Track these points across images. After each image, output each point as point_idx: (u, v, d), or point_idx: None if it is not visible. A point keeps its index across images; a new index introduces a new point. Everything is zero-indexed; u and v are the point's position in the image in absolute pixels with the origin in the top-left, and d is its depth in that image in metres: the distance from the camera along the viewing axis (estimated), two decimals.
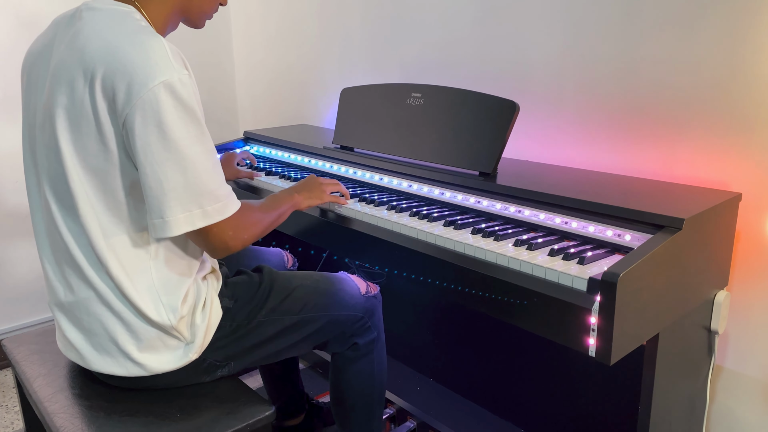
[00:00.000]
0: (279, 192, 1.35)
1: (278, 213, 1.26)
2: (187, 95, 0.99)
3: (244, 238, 1.12)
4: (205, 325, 1.14)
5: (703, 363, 1.34)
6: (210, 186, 1.02)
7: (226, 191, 1.06)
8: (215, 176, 1.04)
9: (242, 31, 2.76)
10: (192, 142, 1.00)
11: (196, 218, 1.02)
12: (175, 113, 0.97)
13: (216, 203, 1.04)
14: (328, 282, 1.35)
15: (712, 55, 1.32)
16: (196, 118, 1.01)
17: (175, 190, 0.99)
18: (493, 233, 1.24)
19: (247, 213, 1.13)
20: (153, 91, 0.95)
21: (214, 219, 1.04)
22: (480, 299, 1.16)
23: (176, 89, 0.97)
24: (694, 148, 1.38)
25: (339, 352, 1.40)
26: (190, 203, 1.01)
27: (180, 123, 0.98)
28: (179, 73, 0.98)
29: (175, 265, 1.11)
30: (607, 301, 0.96)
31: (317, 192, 1.40)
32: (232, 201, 1.08)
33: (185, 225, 1.01)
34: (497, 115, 1.43)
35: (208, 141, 1.04)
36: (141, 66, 0.96)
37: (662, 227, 1.09)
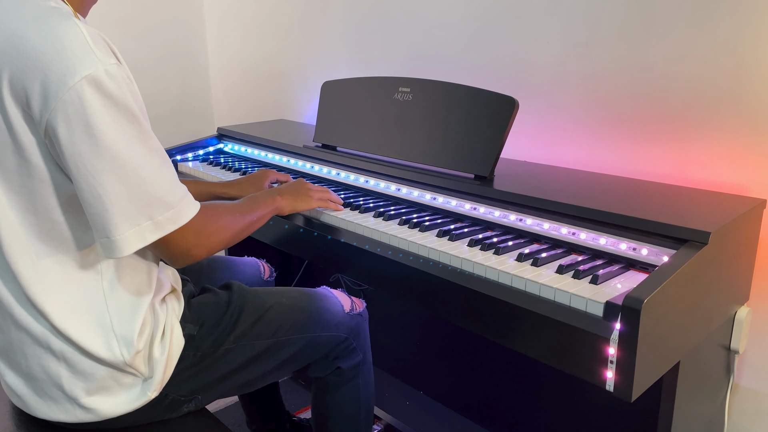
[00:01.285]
0: (260, 193, 1.20)
1: (255, 216, 1.11)
2: (118, 89, 0.83)
3: (209, 245, 0.97)
4: (165, 358, 0.99)
5: (721, 383, 1.22)
6: (158, 192, 0.87)
7: (178, 195, 0.91)
8: (163, 179, 0.89)
9: (216, 18, 2.59)
10: (130, 143, 0.84)
11: (147, 232, 0.87)
12: (105, 113, 0.81)
13: (167, 211, 0.89)
14: (306, 299, 1.21)
15: (728, 48, 1.20)
16: (132, 115, 0.85)
17: (119, 203, 0.85)
18: (492, 246, 1.11)
19: (212, 217, 0.99)
20: (75, 90, 0.79)
21: (168, 229, 0.89)
22: (478, 321, 1.03)
23: (103, 84, 0.81)
24: (708, 148, 1.26)
25: (321, 377, 1.26)
26: (138, 216, 0.86)
27: (113, 124, 0.82)
28: (105, 63, 0.81)
29: (130, 286, 0.96)
30: (629, 329, 0.83)
31: (303, 197, 1.26)
32: (187, 205, 0.92)
33: (136, 242, 0.87)
34: (494, 112, 1.30)
35: (150, 139, 0.88)
36: (55, 59, 0.80)
37: (685, 241, 0.97)
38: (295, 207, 1.24)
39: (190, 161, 1.92)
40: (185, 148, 1.93)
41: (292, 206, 1.23)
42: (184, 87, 2.64)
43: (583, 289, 0.94)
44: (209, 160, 1.91)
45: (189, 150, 1.94)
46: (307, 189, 1.28)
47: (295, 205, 1.23)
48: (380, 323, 1.80)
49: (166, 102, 2.58)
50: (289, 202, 1.22)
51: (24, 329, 0.92)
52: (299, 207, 1.25)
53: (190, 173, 1.82)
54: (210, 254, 0.97)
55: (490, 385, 1.67)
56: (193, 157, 1.94)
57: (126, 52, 2.39)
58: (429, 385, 1.85)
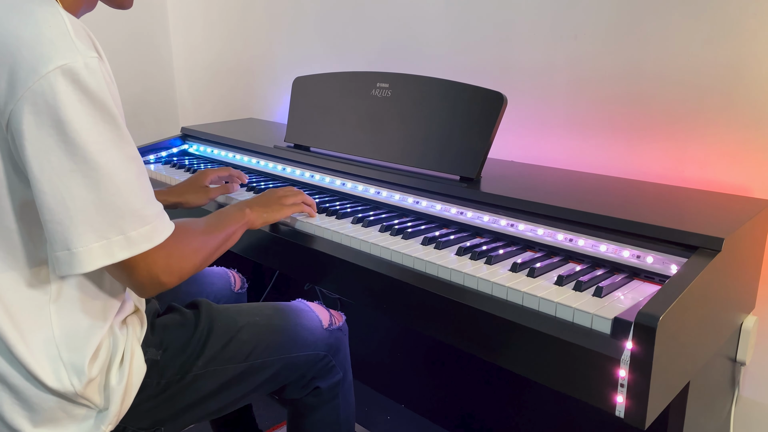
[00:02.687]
0: (227, 207, 1.09)
1: (226, 234, 1.00)
2: (97, 85, 0.74)
3: (181, 270, 0.86)
4: (123, 387, 0.88)
5: (726, 396, 1.15)
6: (133, 204, 0.77)
7: (154, 210, 0.81)
8: (140, 191, 0.79)
9: (180, 10, 2.46)
10: (106, 146, 0.75)
11: (116, 247, 0.76)
12: (80, 109, 0.72)
13: (142, 226, 0.78)
14: (281, 316, 1.10)
15: (727, 40, 1.13)
16: (111, 116, 0.75)
17: (86, 211, 0.74)
18: (483, 254, 1.02)
19: (185, 237, 0.88)
20: (48, 79, 0.70)
21: (141, 248, 0.78)
22: (470, 338, 0.94)
23: (80, 76, 0.72)
24: (707, 146, 1.19)
25: (298, 398, 1.16)
26: (107, 228, 0.76)
27: (88, 122, 0.73)
28: (85, 55, 0.73)
29: (85, 309, 0.85)
30: (642, 350, 0.75)
31: (274, 206, 1.15)
32: (163, 223, 0.82)
33: (101, 257, 0.76)
34: (481, 108, 1.20)
35: (128, 145, 0.78)
36: (29, 45, 0.71)
37: (694, 248, 0.89)
38: (267, 219, 1.13)
39: (152, 164, 1.79)
40: (146, 149, 1.80)
41: (264, 218, 1.12)
42: (146, 83, 2.49)
43: (586, 303, 0.85)
44: (173, 162, 1.78)
45: (151, 151, 1.81)
46: (278, 197, 1.18)
47: (266, 216, 1.13)
48: (360, 333, 1.70)
49: (126, 99, 2.41)
50: (260, 214, 1.11)
51: None
52: (271, 218, 1.14)
53: (152, 177, 1.69)
54: (181, 281, 0.86)
55: (474, 398, 1.58)
56: (155, 160, 1.81)
57: None
58: (411, 398, 1.76)
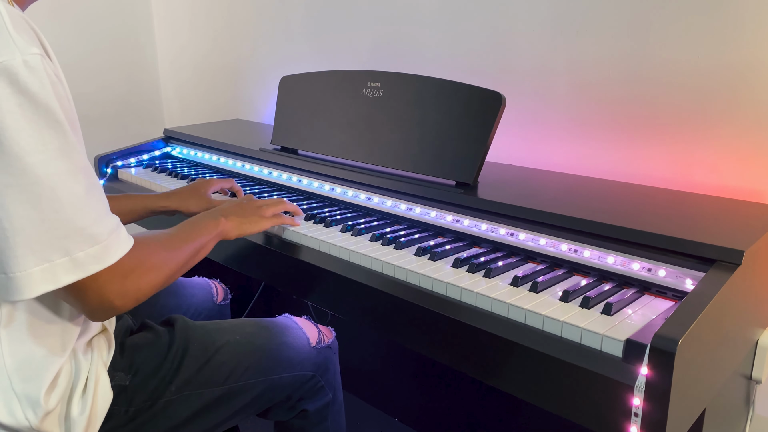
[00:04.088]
0: (200, 216, 1.00)
1: (194, 248, 0.92)
2: (39, 86, 0.65)
3: (137, 292, 0.77)
4: (86, 417, 0.80)
5: (740, 416, 1.09)
6: (81, 221, 0.69)
7: (107, 227, 0.72)
8: (89, 206, 0.70)
9: (164, 8, 2.37)
10: (49, 156, 0.66)
11: (61, 271, 0.68)
12: (18, 113, 0.64)
13: (91, 246, 0.70)
14: (265, 334, 1.02)
15: (736, 39, 1.06)
16: (55, 121, 0.67)
17: (24, 231, 0.66)
18: (482, 266, 0.95)
19: (145, 254, 0.79)
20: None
21: (89, 270, 0.70)
22: (468, 359, 0.87)
23: (19, 77, 0.64)
24: (717, 149, 1.13)
25: (284, 420, 1.08)
26: (50, 249, 0.67)
27: (28, 128, 0.65)
28: (24, 52, 0.65)
29: (40, 334, 0.77)
30: (659, 376, 0.68)
31: (253, 217, 1.07)
32: (117, 240, 0.73)
33: (43, 283, 0.68)
34: (478, 109, 1.13)
35: (76, 154, 0.70)
36: None
37: (712, 261, 0.82)
38: (243, 230, 1.04)
39: (132, 167, 1.70)
40: (127, 152, 1.72)
41: (240, 229, 1.04)
42: (130, 83, 2.41)
43: (595, 322, 0.78)
44: (154, 165, 1.70)
45: (132, 154, 1.73)
46: (257, 207, 1.09)
47: (243, 228, 1.04)
48: (351, 344, 1.62)
49: (110, 100, 2.35)
50: (236, 224, 1.03)
51: None
52: (248, 230, 1.05)
53: (132, 182, 1.61)
54: (138, 303, 0.78)
55: (469, 411, 1.51)
56: (136, 163, 1.73)
57: (62, 42, 2.15)
58: (404, 411, 1.69)
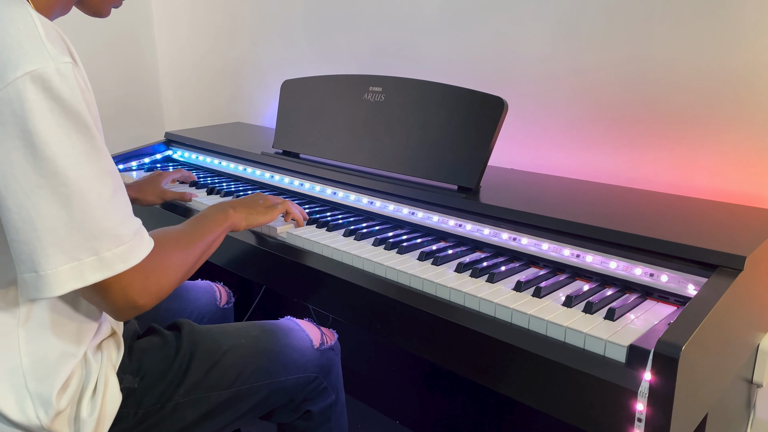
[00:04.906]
0: (208, 209, 1.01)
1: (207, 242, 0.92)
2: (70, 93, 0.67)
3: (159, 290, 0.79)
4: (95, 419, 0.81)
5: (741, 419, 1.09)
6: (108, 222, 0.71)
7: (132, 228, 0.74)
8: (116, 208, 0.72)
9: (165, 11, 2.37)
10: (79, 160, 0.68)
11: (88, 269, 0.70)
12: (51, 119, 0.66)
13: (117, 246, 0.71)
14: (269, 337, 1.03)
15: (740, 41, 1.06)
16: (85, 126, 0.69)
17: (55, 230, 0.68)
18: (484, 271, 0.96)
19: (164, 254, 0.80)
20: (15, 86, 0.64)
21: (115, 269, 0.72)
22: (471, 364, 0.87)
23: (52, 84, 0.66)
24: (718, 153, 1.13)
25: (287, 422, 1.09)
26: (79, 249, 0.69)
27: (60, 133, 0.67)
28: (57, 60, 0.67)
29: (57, 334, 0.79)
30: (663, 382, 0.68)
31: (259, 208, 1.08)
32: (141, 241, 0.75)
33: (72, 281, 0.69)
34: (480, 114, 1.14)
35: (104, 159, 0.72)
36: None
37: (714, 267, 0.83)
38: (251, 221, 1.06)
39: (134, 170, 1.71)
40: (128, 155, 1.72)
41: (248, 221, 1.05)
42: (130, 86, 2.41)
43: (598, 327, 0.79)
44: (156, 169, 1.70)
45: (133, 158, 1.73)
46: (264, 199, 1.12)
47: (250, 219, 1.06)
48: (353, 347, 1.63)
49: (109, 103, 2.34)
50: (244, 215, 1.04)
51: None
52: (256, 221, 1.07)
53: None
54: (159, 301, 0.79)
55: (470, 414, 1.52)
56: (137, 166, 1.73)
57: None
58: (406, 414, 1.69)
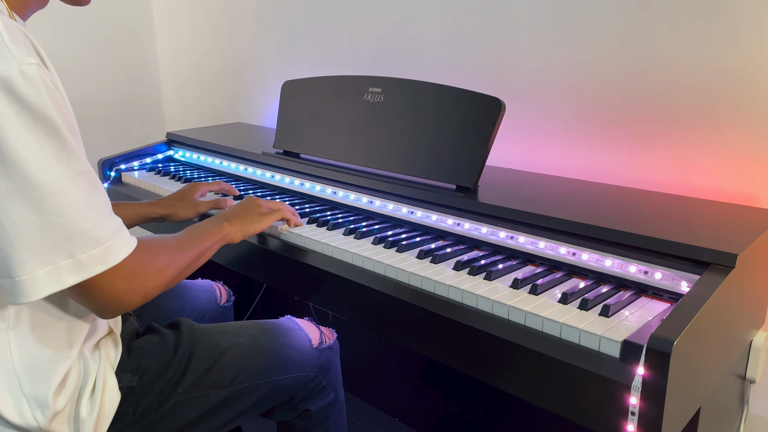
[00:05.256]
0: (205, 222, 1.03)
1: (199, 251, 0.94)
2: (36, 95, 0.67)
3: (144, 291, 0.79)
4: (94, 418, 0.82)
5: (734, 414, 1.11)
6: (83, 224, 0.70)
7: (109, 229, 0.74)
8: (91, 209, 0.72)
9: (165, 11, 2.39)
10: (48, 163, 0.68)
11: (65, 273, 0.70)
12: (16, 123, 0.66)
13: (94, 248, 0.71)
14: (268, 336, 1.04)
15: (734, 43, 1.08)
16: (53, 128, 0.68)
17: (28, 235, 0.68)
18: (482, 269, 0.97)
19: (149, 255, 0.81)
20: None
21: (93, 271, 0.72)
22: (468, 360, 0.89)
23: (16, 87, 0.65)
24: (713, 153, 1.15)
25: (287, 420, 1.10)
26: (54, 252, 0.69)
27: (26, 137, 0.66)
28: (21, 62, 0.66)
29: (48, 335, 0.79)
30: (655, 376, 0.70)
31: (254, 216, 1.09)
32: (120, 241, 0.75)
33: (48, 285, 0.69)
34: (478, 115, 1.15)
35: (75, 160, 0.71)
36: None
37: (706, 264, 0.84)
38: (247, 231, 1.07)
39: (135, 171, 1.72)
40: (130, 155, 1.74)
41: (243, 231, 1.07)
42: (131, 86, 2.42)
43: (593, 324, 0.80)
44: (157, 169, 1.72)
45: (135, 158, 1.75)
46: (258, 207, 1.12)
47: (246, 229, 1.07)
48: (353, 345, 1.64)
49: (110, 103, 2.36)
50: (239, 227, 1.05)
51: None
52: (251, 230, 1.08)
53: (136, 185, 1.63)
54: (146, 300, 0.80)
55: (470, 411, 1.53)
56: (139, 167, 1.75)
57: (62, 47, 2.17)
58: (405, 412, 1.71)
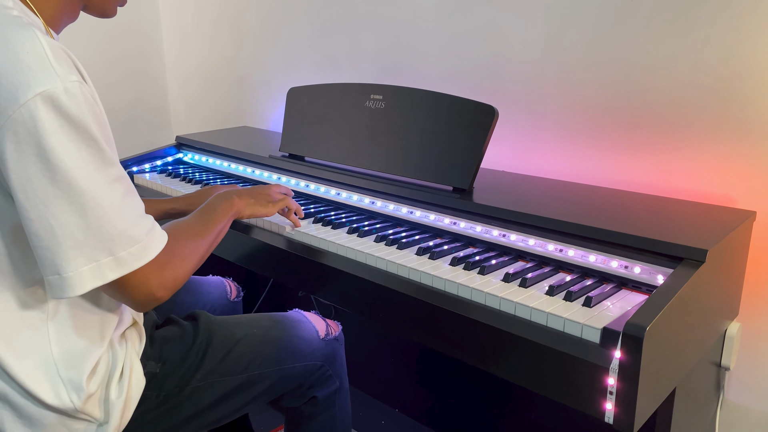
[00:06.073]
0: (214, 197, 1.09)
1: (217, 230, 1.01)
2: (78, 110, 0.74)
3: (175, 281, 0.87)
4: (122, 401, 0.90)
5: (711, 400, 1.19)
6: (121, 225, 0.78)
7: (144, 228, 0.82)
8: (127, 211, 0.80)
9: (173, 19, 2.47)
10: (89, 170, 0.75)
11: (107, 269, 0.78)
12: (61, 135, 0.73)
13: (132, 246, 0.79)
14: (279, 328, 1.12)
15: (714, 53, 1.16)
16: (93, 139, 0.76)
17: (73, 236, 0.75)
18: (476, 264, 1.05)
19: (176, 247, 0.89)
20: (27, 108, 0.71)
21: (132, 266, 0.79)
22: (462, 347, 0.96)
23: (61, 103, 0.73)
24: (694, 157, 1.22)
25: (295, 406, 1.18)
26: (96, 251, 0.77)
27: (70, 148, 0.74)
28: (65, 80, 0.73)
29: (82, 326, 0.87)
30: (630, 359, 0.78)
31: (263, 201, 1.16)
32: (155, 238, 0.83)
33: (92, 280, 0.77)
34: (473, 121, 1.23)
35: (112, 167, 0.79)
36: (8, 73, 0.72)
37: (680, 259, 0.92)
38: (255, 211, 1.14)
39: (147, 173, 1.80)
40: (142, 158, 1.81)
41: (251, 209, 1.13)
42: (139, 92, 2.50)
43: (576, 313, 0.88)
44: (168, 171, 1.79)
45: (146, 160, 1.82)
46: (268, 195, 1.19)
47: (253, 209, 1.14)
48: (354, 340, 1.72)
49: (119, 109, 2.44)
50: (247, 203, 1.12)
51: None
52: (257, 212, 1.15)
53: (147, 186, 1.70)
54: (175, 291, 0.88)
55: (467, 402, 1.61)
56: (150, 169, 1.82)
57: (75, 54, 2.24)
58: (405, 403, 1.78)
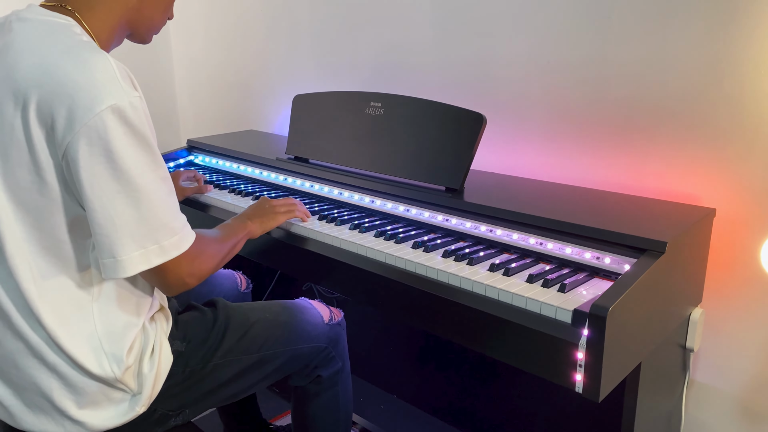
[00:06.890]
0: (231, 220, 1.24)
1: (233, 243, 1.15)
2: (139, 121, 0.89)
3: (201, 272, 1.02)
4: (153, 374, 1.02)
5: (678, 379, 1.31)
6: (165, 218, 0.93)
7: (181, 222, 0.97)
8: (170, 207, 0.94)
9: (181, 27, 2.58)
10: (144, 171, 0.90)
11: (152, 255, 0.92)
12: (125, 141, 0.87)
13: (172, 237, 0.94)
14: (288, 313, 1.25)
15: (682, 61, 1.28)
16: (148, 145, 0.91)
17: (128, 225, 0.89)
18: (465, 256, 1.17)
19: (203, 244, 1.04)
20: (100, 117, 0.85)
21: (171, 254, 0.94)
22: (453, 329, 1.08)
23: (126, 114, 0.87)
24: (664, 160, 1.35)
25: (302, 385, 1.30)
26: (145, 239, 0.91)
27: (131, 151, 0.88)
28: (130, 95, 0.88)
29: (121, 307, 1.00)
30: (595, 335, 0.90)
31: (269, 215, 1.30)
32: (188, 233, 0.98)
33: (140, 264, 0.91)
34: (463, 128, 1.36)
35: (161, 168, 0.94)
36: (85, 88, 0.85)
37: (644, 250, 1.05)
38: (265, 227, 1.27)
39: None
40: None
41: (263, 228, 1.26)
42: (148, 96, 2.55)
43: (552, 298, 1.00)
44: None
45: None
46: (272, 207, 1.31)
47: (264, 226, 1.27)
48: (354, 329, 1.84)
49: None
50: (259, 224, 1.25)
51: (21, 338, 0.95)
52: (269, 226, 1.28)
53: None
54: (200, 281, 1.01)
55: (461, 387, 1.72)
56: None
57: None
58: (402, 389, 1.90)
